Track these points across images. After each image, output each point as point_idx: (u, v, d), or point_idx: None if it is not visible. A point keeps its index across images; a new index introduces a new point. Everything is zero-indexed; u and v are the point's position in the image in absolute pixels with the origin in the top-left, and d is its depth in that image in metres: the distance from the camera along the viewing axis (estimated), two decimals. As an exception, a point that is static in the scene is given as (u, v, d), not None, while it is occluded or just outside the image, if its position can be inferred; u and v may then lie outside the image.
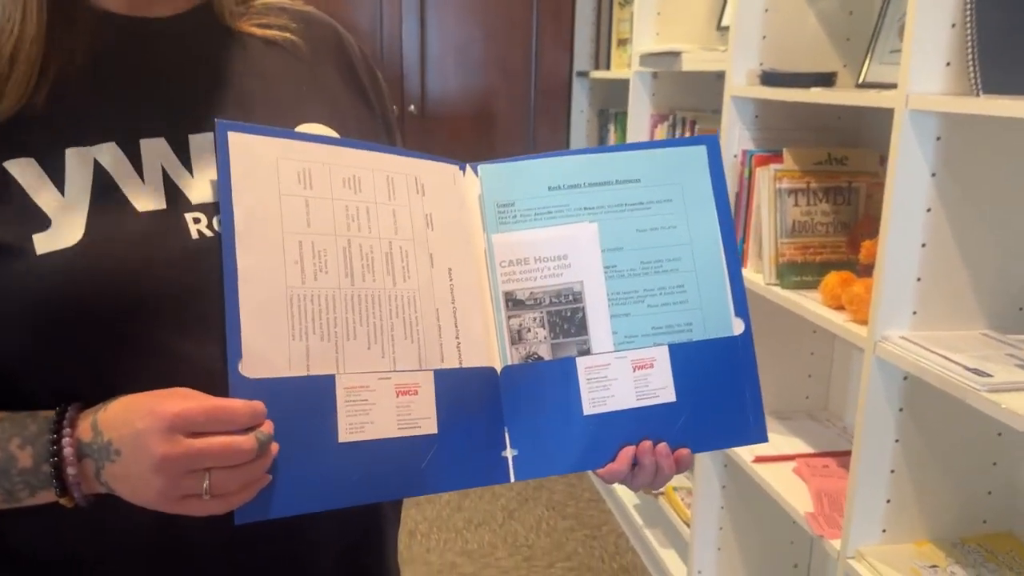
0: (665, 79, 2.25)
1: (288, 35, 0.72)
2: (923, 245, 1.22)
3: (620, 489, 2.47)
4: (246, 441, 0.55)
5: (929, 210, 1.21)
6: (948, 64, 1.17)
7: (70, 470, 0.55)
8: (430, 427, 0.64)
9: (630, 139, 2.34)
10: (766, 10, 1.65)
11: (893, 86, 1.22)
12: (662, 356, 0.70)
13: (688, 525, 1.93)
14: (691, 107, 2.21)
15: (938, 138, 1.19)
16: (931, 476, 1.31)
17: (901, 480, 1.29)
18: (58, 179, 0.59)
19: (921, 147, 1.19)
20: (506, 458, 0.67)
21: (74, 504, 0.57)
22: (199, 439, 0.54)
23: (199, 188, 0.63)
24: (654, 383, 0.70)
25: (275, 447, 0.58)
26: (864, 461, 1.29)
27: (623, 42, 2.65)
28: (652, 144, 0.76)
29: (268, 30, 0.71)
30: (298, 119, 0.68)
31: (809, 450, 1.64)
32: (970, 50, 1.14)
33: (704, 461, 1.85)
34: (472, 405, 0.66)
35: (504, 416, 0.67)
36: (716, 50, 1.88)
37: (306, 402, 0.60)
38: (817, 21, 1.67)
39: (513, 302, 0.69)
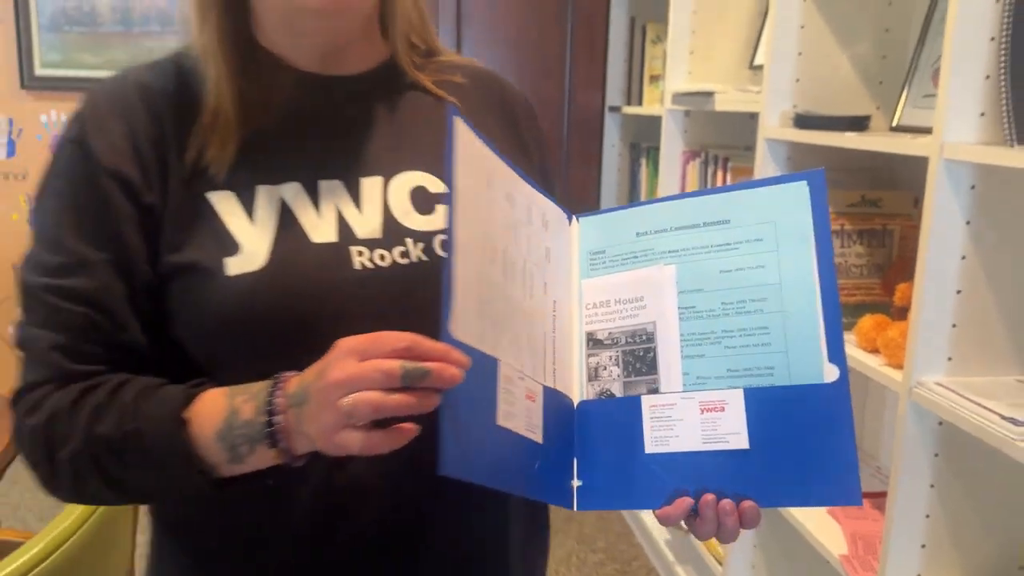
0: (697, 116, 2.28)
1: (456, 82, 0.81)
2: (958, 292, 1.23)
3: (651, 524, 2.47)
4: (390, 364, 0.57)
5: (964, 257, 1.22)
6: (982, 114, 1.19)
7: (278, 418, 0.61)
8: (538, 436, 0.67)
9: (662, 175, 2.36)
10: (799, 53, 1.68)
11: (927, 130, 1.24)
12: (735, 400, 0.67)
13: (720, 563, 1.93)
14: (723, 144, 2.23)
15: (972, 187, 1.21)
16: (967, 521, 1.30)
17: (936, 525, 1.29)
18: (249, 211, 0.69)
19: (956, 196, 1.21)
20: (571, 487, 0.69)
21: (281, 461, 0.62)
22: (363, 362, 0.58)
23: (365, 225, 0.71)
24: (724, 427, 0.67)
25: (434, 399, 0.58)
26: (899, 505, 1.29)
27: (655, 78, 2.68)
28: (749, 184, 0.72)
29: (439, 86, 0.80)
30: None
31: (843, 491, 1.63)
32: (1004, 101, 1.16)
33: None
34: (554, 429, 0.69)
35: (575, 447, 0.70)
36: (749, 91, 1.90)
37: (474, 379, 0.60)
38: (850, 64, 1.69)
39: (593, 341, 0.73)
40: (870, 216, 1.57)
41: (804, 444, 0.65)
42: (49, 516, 2.89)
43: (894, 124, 1.59)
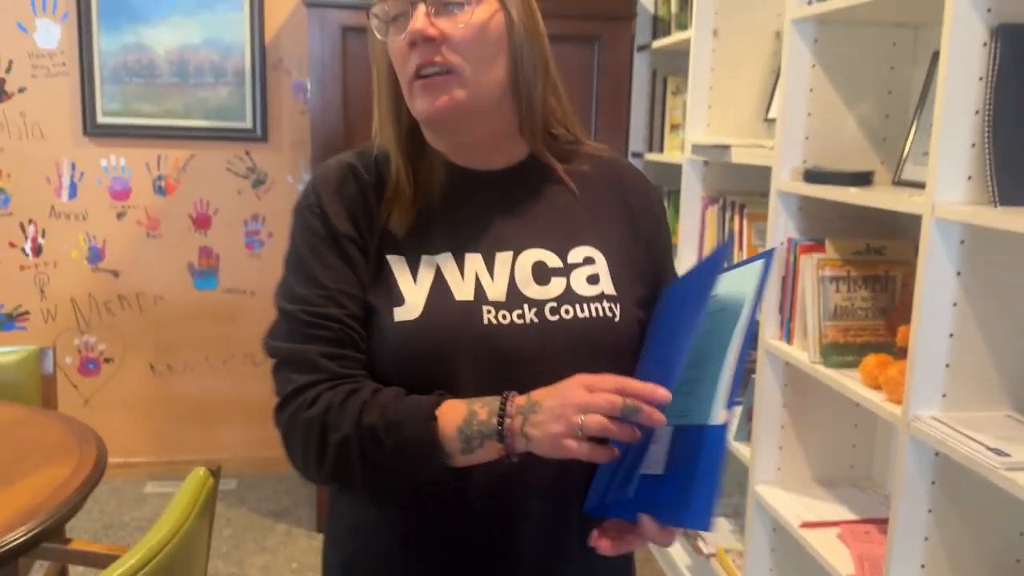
0: (715, 165, 2.44)
1: (583, 170, 0.99)
2: (951, 335, 1.37)
3: (673, 549, 2.59)
4: (615, 398, 0.76)
5: (955, 304, 1.37)
6: (970, 178, 1.34)
7: (507, 420, 0.81)
8: (660, 469, 0.84)
9: (682, 218, 2.51)
10: (809, 113, 1.83)
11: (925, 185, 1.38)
12: (665, 435, 0.84)
13: (738, 585, 2.05)
14: (740, 191, 2.38)
15: (962, 242, 1.36)
16: (962, 544, 1.43)
17: (934, 547, 1.42)
18: (413, 273, 0.91)
19: (947, 249, 1.35)
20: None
21: (503, 456, 0.82)
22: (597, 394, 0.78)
23: (495, 289, 0.90)
24: (657, 456, 0.83)
25: (637, 434, 0.77)
26: (900, 529, 1.42)
27: (675, 127, 2.85)
28: (731, 266, 0.89)
29: (569, 174, 0.98)
30: (573, 243, 0.95)
31: (852, 517, 1.76)
32: (988, 167, 1.31)
33: (754, 526, 1.98)
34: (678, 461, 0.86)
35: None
36: (763, 146, 2.06)
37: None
38: (856, 123, 1.85)
39: None
40: (874, 263, 1.72)
41: (687, 474, 0.80)
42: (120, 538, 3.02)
43: (896, 179, 1.74)
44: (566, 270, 0.92)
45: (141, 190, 3.15)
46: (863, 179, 1.70)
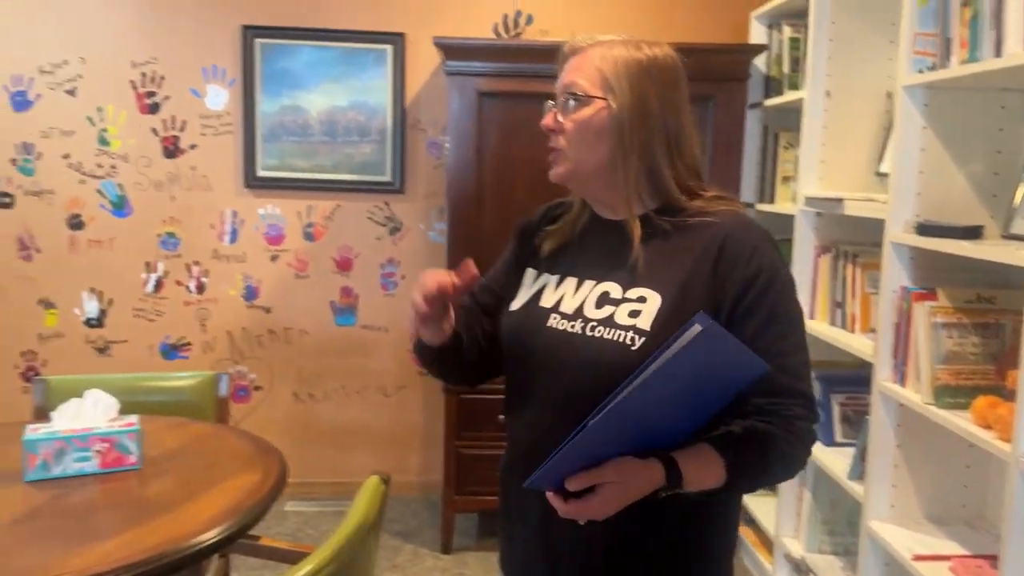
0: (828, 216, 2.57)
1: (686, 222, 1.19)
2: (1058, 379, 1.48)
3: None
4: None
5: (1062, 350, 1.47)
6: (1074, 234, 1.45)
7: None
8: None
9: (795, 267, 2.64)
10: (920, 171, 1.96)
11: (1033, 242, 1.49)
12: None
13: (851, 618, 2.13)
14: (852, 241, 2.50)
15: (1068, 292, 1.47)
16: (1074, 578, 1.51)
17: (1046, 579, 1.51)
18: (531, 283, 1.29)
19: (1053, 299, 1.46)
20: None
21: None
22: None
23: (567, 304, 1.21)
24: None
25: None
26: (1011, 563, 1.51)
27: (786, 179, 2.99)
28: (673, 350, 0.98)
29: (676, 228, 1.19)
30: (638, 284, 1.17)
31: (964, 552, 1.84)
32: (1092, 224, 1.42)
33: (867, 561, 2.07)
34: None
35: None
36: (875, 200, 2.18)
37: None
38: (966, 180, 1.96)
39: None
40: (985, 311, 1.82)
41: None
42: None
43: (1006, 232, 1.84)
44: (620, 302, 1.16)
45: (293, 236, 3.51)
46: (973, 233, 1.82)
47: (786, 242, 2.88)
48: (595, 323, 1.15)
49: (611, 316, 1.14)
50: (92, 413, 1.86)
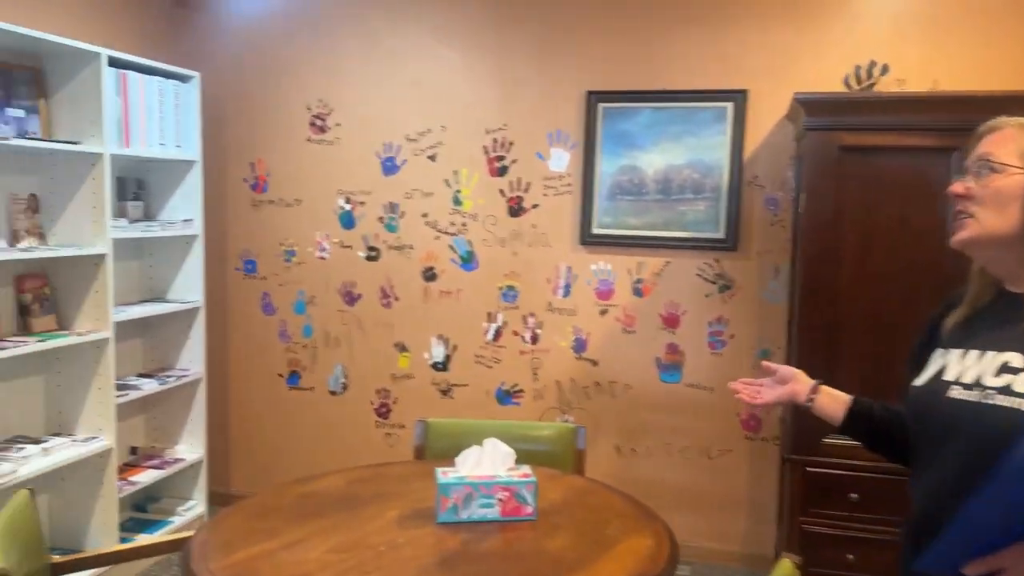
0: None
1: None
2: None
3: None
4: None
5: None
6: None
7: None
8: None
9: None
10: None
11: None
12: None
13: None
14: None
15: None
16: None
17: None
18: (935, 359, 1.35)
19: None
20: None
21: None
22: None
23: (966, 375, 1.27)
24: None
25: None
26: None
27: None
28: None
29: None
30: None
31: None
32: None
33: None
34: None
35: None
36: None
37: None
38: None
39: None
40: None
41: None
42: None
43: None
44: (1020, 371, 1.19)
45: (622, 291, 3.59)
46: None
47: None
48: (993, 391, 1.20)
49: (1009, 385, 1.19)
50: (492, 461, 1.99)
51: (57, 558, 1.90)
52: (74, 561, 1.87)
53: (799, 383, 1.67)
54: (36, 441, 2.96)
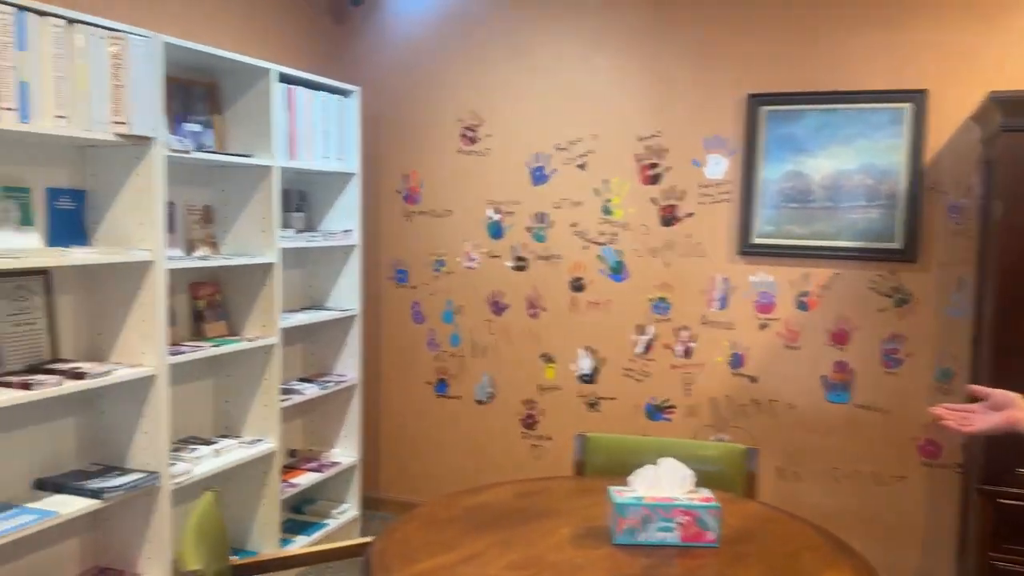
0: None
1: None
2: None
3: None
4: None
5: None
6: None
7: None
8: None
9: None
10: None
11: None
12: None
13: None
14: None
15: None
16: None
17: None
18: None
19: None
20: None
21: None
22: None
23: None
24: None
25: None
26: None
27: None
28: None
29: None
30: None
31: None
32: None
33: None
34: None
35: None
36: None
37: None
38: None
39: None
40: None
41: None
42: None
43: None
44: None
45: (784, 304, 3.40)
46: None
47: None
48: None
49: None
50: (669, 482, 1.89)
51: (236, 560, 1.95)
52: (255, 563, 1.91)
53: (1019, 409, 1.50)
54: (207, 442, 3.09)
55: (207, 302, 3.15)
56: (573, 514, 1.98)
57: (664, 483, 1.89)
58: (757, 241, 3.40)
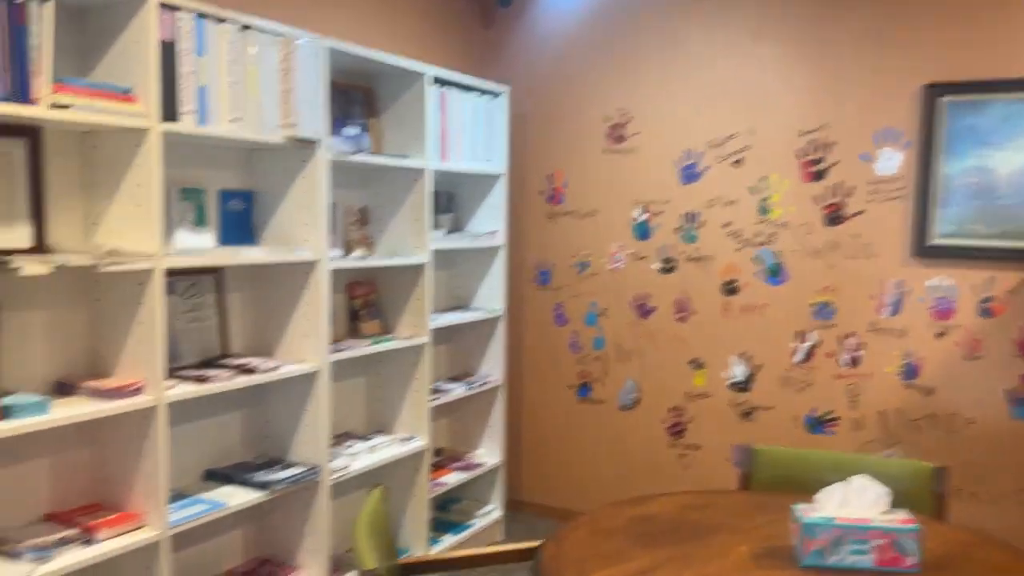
0: None
1: None
2: None
3: None
4: None
5: None
6: None
7: None
8: None
9: None
10: None
11: None
12: None
13: None
14: None
15: None
16: None
17: None
18: None
19: None
20: None
21: None
22: None
23: None
24: None
25: None
26: None
27: None
28: None
29: None
30: None
31: None
32: None
33: None
34: None
35: None
36: None
37: None
38: None
39: None
40: None
41: None
42: None
43: None
44: None
45: (965, 311, 3.12)
46: None
47: None
48: None
49: None
50: (859, 501, 1.74)
51: (403, 559, 1.94)
52: (423, 563, 1.89)
53: None
54: (362, 438, 3.14)
55: (363, 301, 3.21)
56: (750, 531, 1.86)
57: (855, 502, 1.74)
58: (935, 242, 3.14)
